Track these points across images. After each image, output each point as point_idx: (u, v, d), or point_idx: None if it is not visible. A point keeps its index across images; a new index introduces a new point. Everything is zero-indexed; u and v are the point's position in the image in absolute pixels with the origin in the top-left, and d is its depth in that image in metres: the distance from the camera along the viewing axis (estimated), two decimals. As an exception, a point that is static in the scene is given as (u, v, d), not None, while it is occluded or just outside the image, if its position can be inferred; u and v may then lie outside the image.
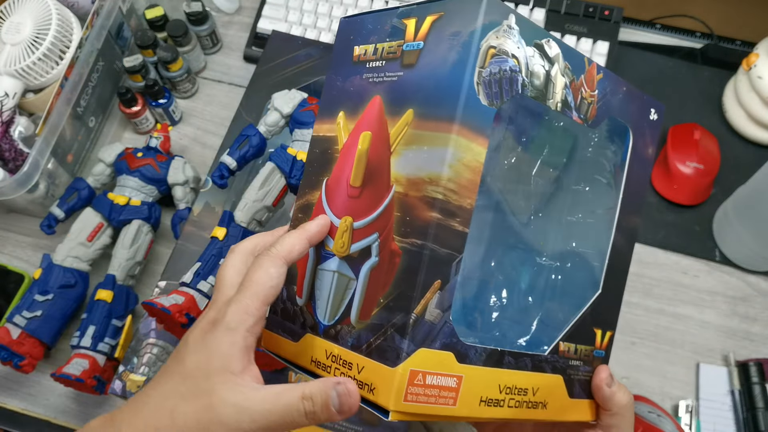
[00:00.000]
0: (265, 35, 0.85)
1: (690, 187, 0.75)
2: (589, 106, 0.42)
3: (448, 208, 0.35)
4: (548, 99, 0.39)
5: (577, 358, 0.43)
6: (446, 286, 0.36)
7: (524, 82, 0.38)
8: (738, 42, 0.87)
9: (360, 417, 0.60)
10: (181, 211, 0.71)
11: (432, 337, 0.36)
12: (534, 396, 0.41)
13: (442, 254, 0.35)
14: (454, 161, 0.35)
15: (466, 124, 0.35)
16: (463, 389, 0.37)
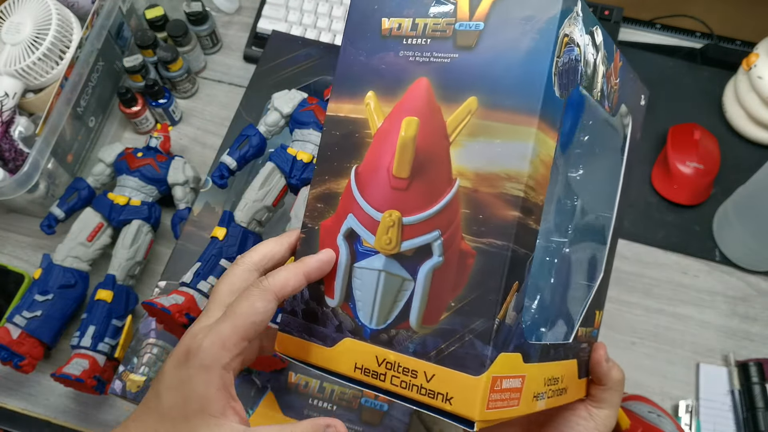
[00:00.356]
0: (265, 35, 0.85)
1: (690, 187, 0.75)
2: (613, 95, 0.41)
3: (527, 206, 0.33)
4: (594, 89, 0.38)
5: (585, 340, 0.45)
6: (522, 286, 0.34)
7: (582, 71, 0.36)
8: (738, 42, 0.87)
9: (360, 417, 0.60)
10: (181, 211, 0.71)
11: (509, 341, 0.34)
12: (561, 383, 0.41)
13: (521, 254, 0.34)
14: (534, 157, 0.33)
15: (545, 118, 0.33)
16: (525, 388, 0.36)
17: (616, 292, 0.73)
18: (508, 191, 0.33)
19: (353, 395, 0.60)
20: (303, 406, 0.60)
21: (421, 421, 0.66)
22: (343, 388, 0.60)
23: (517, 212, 0.33)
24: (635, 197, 0.77)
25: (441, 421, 0.66)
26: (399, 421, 0.60)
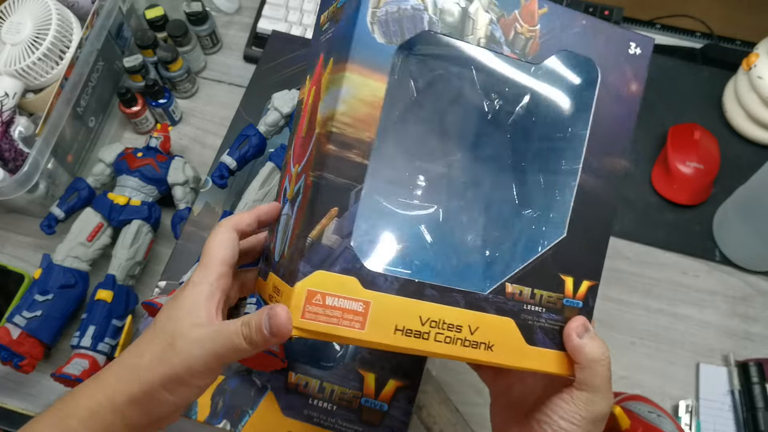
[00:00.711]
0: (265, 35, 0.85)
1: (690, 187, 0.75)
2: (528, 41, 0.42)
3: (343, 141, 0.38)
4: (467, 35, 0.41)
5: (535, 303, 0.43)
6: (345, 213, 0.39)
7: (432, 19, 0.40)
8: (738, 42, 0.87)
9: (360, 417, 0.60)
10: (181, 211, 0.71)
11: (331, 261, 0.39)
12: (472, 335, 0.41)
13: (338, 183, 0.39)
14: (348, 97, 0.39)
15: (360, 62, 0.38)
16: (371, 315, 0.39)
17: (616, 292, 0.73)
18: (329, 129, 0.39)
19: (353, 395, 0.60)
20: (303, 406, 0.60)
21: (421, 421, 0.66)
22: (344, 388, 0.61)
23: (332, 146, 0.38)
24: (635, 197, 0.77)
25: (441, 421, 0.66)
26: (399, 421, 0.60)
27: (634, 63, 0.44)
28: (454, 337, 0.41)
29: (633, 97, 0.45)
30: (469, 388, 0.68)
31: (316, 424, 0.60)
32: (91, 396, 0.39)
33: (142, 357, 0.39)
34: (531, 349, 0.42)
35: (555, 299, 0.43)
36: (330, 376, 0.61)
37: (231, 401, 0.60)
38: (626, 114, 0.45)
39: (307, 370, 0.61)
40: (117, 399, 0.39)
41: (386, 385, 0.61)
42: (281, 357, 0.59)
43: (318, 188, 0.39)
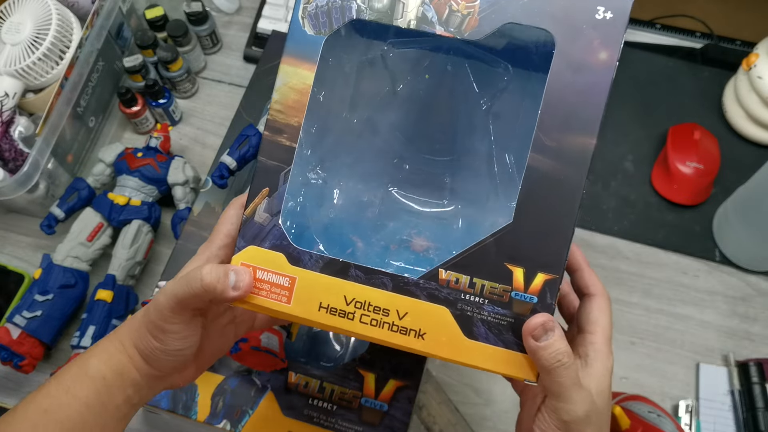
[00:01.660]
0: (265, 35, 0.85)
1: (690, 187, 0.75)
2: (464, 17, 0.41)
3: (275, 126, 0.42)
4: (396, 18, 0.42)
5: (475, 293, 0.40)
6: (274, 193, 0.42)
7: (360, 8, 0.42)
8: (738, 42, 0.87)
9: (360, 417, 0.60)
10: (181, 211, 0.71)
11: (261, 237, 0.42)
12: (401, 320, 0.41)
13: (270, 165, 0.42)
14: (280, 85, 0.42)
15: (291, 54, 0.42)
16: (297, 290, 0.41)
17: (616, 292, 0.73)
18: (267, 115, 0.43)
19: (353, 395, 0.60)
20: (303, 406, 0.60)
21: (421, 421, 0.66)
22: (344, 388, 0.61)
23: (267, 132, 0.42)
24: (635, 197, 0.77)
25: (441, 421, 0.66)
26: (399, 421, 0.60)
27: (602, 29, 0.39)
28: (381, 320, 0.41)
29: (603, 67, 0.40)
30: (469, 388, 0.68)
31: (316, 424, 0.60)
32: (108, 340, 0.43)
33: (144, 308, 0.43)
34: (471, 343, 0.40)
35: (500, 291, 0.40)
36: (330, 376, 0.61)
37: (231, 401, 0.60)
38: (594, 86, 0.40)
39: (307, 370, 0.61)
40: (125, 343, 0.42)
41: (386, 385, 0.61)
42: (281, 357, 0.59)
43: (255, 170, 0.42)
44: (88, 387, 0.41)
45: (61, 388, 0.42)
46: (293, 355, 0.62)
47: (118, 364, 0.42)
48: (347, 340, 0.63)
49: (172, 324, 0.41)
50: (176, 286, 0.40)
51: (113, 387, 0.42)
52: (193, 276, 0.40)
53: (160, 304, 0.41)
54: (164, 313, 0.41)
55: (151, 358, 0.42)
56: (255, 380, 0.61)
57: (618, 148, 0.80)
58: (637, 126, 0.81)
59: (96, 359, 0.42)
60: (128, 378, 0.42)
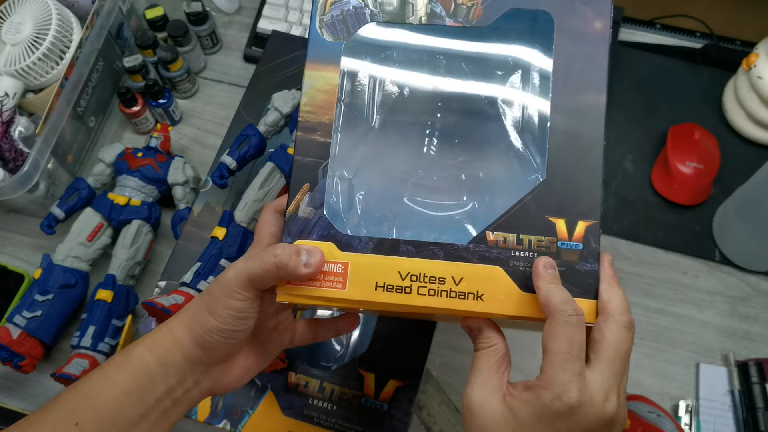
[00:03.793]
0: (265, 35, 0.85)
1: (690, 187, 0.75)
2: (469, 9, 0.46)
3: (307, 126, 0.45)
4: (408, 17, 0.46)
5: (524, 249, 0.43)
6: (315, 187, 0.44)
7: (373, 12, 0.46)
8: (738, 42, 0.87)
9: (360, 417, 0.60)
10: (181, 211, 0.71)
11: (308, 231, 0.44)
12: (457, 286, 0.42)
13: (306, 162, 0.44)
14: (308, 89, 0.46)
15: (314, 60, 0.46)
16: (351, 274, 0.43)
17: (616, 292, 0.73)
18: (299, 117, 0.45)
19: (353, 395, 0.60)
20: (303, 406, 0.60)
21: (421, 421, 0.66)
22: (344, 388, 0.61)
23: (300, 132, 0.45)
24: (635, 197, 0.77)
25: (441, 421, 0.66)
26: (399, 421, 0.60)
27: (593, 2, 0.45)
28: (438, 288, 0.42)
29: (600, 34, 0.45)
30: (469, 388, 0.68)
31: (316, 424, 0.60)
32: (156, 329, 0.44)
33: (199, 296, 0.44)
34: (528, 296, 0.42)
35: (547, 243, 0.43)
36: (330, 376, 0.61)
37: (231, 401, 0.60)
38: (595, 51, 0.45)
39: (307, 370, 0.61)
40: (175, 329, 0.43)
41: (386, 385, 0.61)
42: (281, 357, 0.59)
43: (291, 170, 0.45)
44: (129, 373, 0.41)
45: (102, 375, 0.42)
46: (293, 355, 0.62)
47: (162, 351, 0.42)
48: (347, 340, 0.63)
49: (237, 300, 0.41)
50: (247, 264, 0.41)
51: (155, 375, 0.42)
52: (266, 254, 0.41)
53: (228, 279, 0.41)
54: (231, 287, 0.41)
55: (205, 339, 0.42)
56: (255, 380, 0.61)
57: (618, 148, 0.80)
58: (637, 126, 0.81)
59: (140, 347, 0.42)
60: (172, 366, 0.42)
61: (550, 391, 0.37)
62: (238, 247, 0.61)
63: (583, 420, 0.37)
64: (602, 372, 0.38)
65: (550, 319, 0.39)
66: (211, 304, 0.42)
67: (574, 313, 0.38)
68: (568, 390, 0.37)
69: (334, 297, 0.42)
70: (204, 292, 0.44)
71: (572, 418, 0.37)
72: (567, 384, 0.37)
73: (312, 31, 0.46)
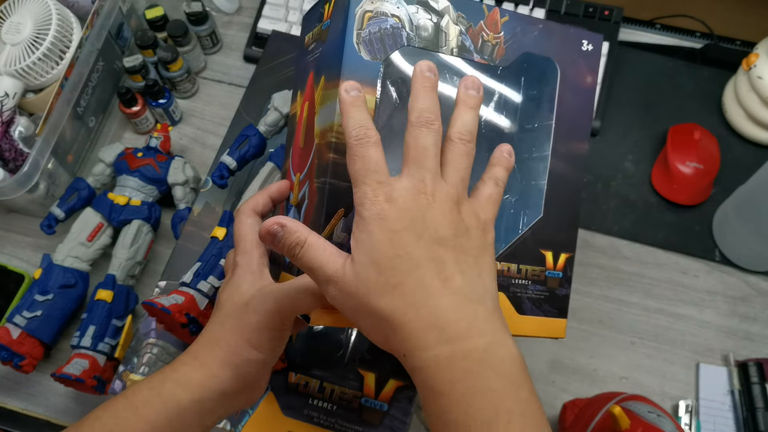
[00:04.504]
0: (265, 35, 0.85)
1: (690, 187, 0.75)
2: (494, 47, 0.47)
3: (342, 149, 0.42)
4: (441, 46, 0.46)
5: (522, 277, 0.48)
6: (350, 212, 0.43)
7: (409, 35, 0.45)
8: (738, 42, 0.87)
9: (360, 417, 0.60)
10: (181, 211, 0.71)
11: None
12: None
13: (342, 187, 0.43)
14: None
15: (351, 78, 0.42)
16: None
17: (616, 292, 0.73)
18: (328, 139, 0.43)
19: (353, 395, 0.60)
20: (303, 406, 0.60)
21: (422, 421, 0.66)
22: (344, 388, 0.61)
23: (332, 154, 0.42)
24: (635, 197, 0.77)
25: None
26: (399, 421, 0.60)
27: (587, 58, 0.49)
28: None
29: (589, 88, 0.50)
30: (469, 388, 0.67)
31: (316, 424, 0.60)
32: (184, 363, 0.43)
33: (223, 326, 0.43)
34: (522, 318, 0.47)
35: (538, 272, 0.48)
36: (330, 376, 0.61)
37: (231, 401, 0.60)
38: (585, 103, 0.50)
39: (307, 370, 0.61)
40: (211, 364, 0.42)
41: (386, 385, 0.61)
42: (281, 357, 0.59)
43: (323, 193, 0.42)
44: (159, 410, 0.41)
45: (131, 409, 0.41)
46: (293, 355, 0.62)
47: (197, 388, 0.42)
48: (347, 340, 0.63)
49: (280, 331, 0.42)
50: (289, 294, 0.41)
51: (187, 411, 0.41)
52: (307, 283, 0.40)
53: (271, 312, 0.42)
54: (275, 320, 0.42)
55: (246, 372, 0.42)
56: (255, 380, 0.61)
57: (618, 148, 0.80)
58: (637, 126, 0.81)
59: (171, 382, 0.42)
60: (207, 401, 0.42)
61: (363, 207, 0.37)
62: (238, 247, 0.61)
63: (406, 218, 0.37)
64: (407, 173, 0.38)
65: (347, 146, 0.39)
66: (254, 338, 0.42)
67: (364, 136, 0.38)
68: (377, 196, 0.37)
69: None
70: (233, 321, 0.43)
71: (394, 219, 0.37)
72: (373, 192, 0.37)
73: (348, 45, 0.43)
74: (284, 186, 0.50)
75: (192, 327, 0.57)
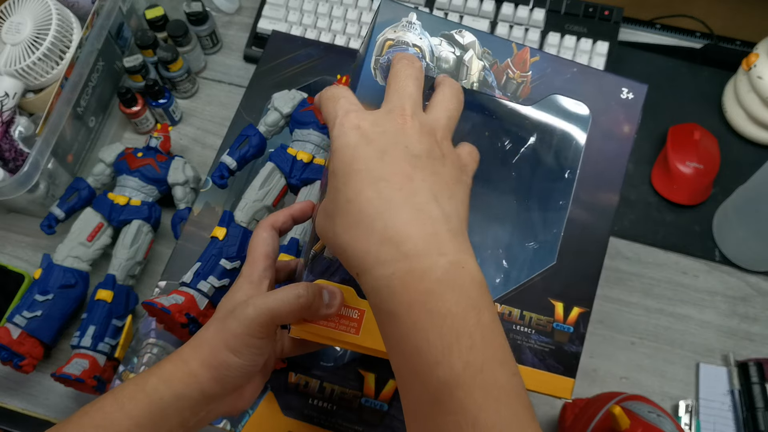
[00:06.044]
0: (265, 35, 0.85)
1: (690, 187, 0.75)
2: (519, 85, 0.46)
3: None
4: (461, 79, 0.46)
5: (525, 324, 0.46)
6: None
7: (429, 66, 0.45)
8: (738, 42, 0.87)
9: (360, 417, 0.60)
10: (181, 211, 0.71)
11: (331, 272, 0.44)
12: None
13: None
14: None
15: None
16: (365, 322, 0.43)
17: (616, 292, 0.73)
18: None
19: (353, 395, 0.60)
20: (303, 406, 0.60)
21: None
22: (344, 388, 0.61)
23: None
24: (635, 197, 0.77)
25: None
26: (399, 421, 0.60)
27: (626, 106, 0.47)
28: None
29: (626, 138, 0.48)
30: (469, 388, 0.67)
31: (316, 424, 0.60)
32: (169, 360, 0.43)
33: (208, 329, 0.44)
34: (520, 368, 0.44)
35: (545, 322, 0.46)
36: (330, 376, 0.61)
37: (231, 401, 0.60)
38: (619, 153, 0.48)
39: (307, 370, 0.61)
40: (191, 363, 0.42)
41: (386, 385, 0.61)
42: (281, 357, 0.59)
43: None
44: (143, 405, 0.41)
45: (116, 405, 0.41)
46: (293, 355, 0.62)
47: (178, 385, 0.42)
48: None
49: (258, 338, 0.42)
50: (268, 302, 0.41)
51: (169, 408, 0.42)
52: (289, 293, 0.41)
53: (249, 317, 0.41)
54: (253, 327, 0.41)
55: (224, 375, 0.42)
56: (255, 380, 0.61)
57: (618, 148, 0.80)
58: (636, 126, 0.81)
59: (155, 378, 0.42)
60: (188, 399, 0.42)
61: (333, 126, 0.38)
62: (238, 247, 0.61)
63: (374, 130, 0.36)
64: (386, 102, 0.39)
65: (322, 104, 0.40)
66: (231, 342, 0.42)
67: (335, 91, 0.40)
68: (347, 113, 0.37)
69: (346, 341, 0.44)
70: (218, 325, 0.43)
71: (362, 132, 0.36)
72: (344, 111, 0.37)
73: (365, 70, 0.44)
74: (307, 206, 0.50)
75: (192, 327, 0.57)
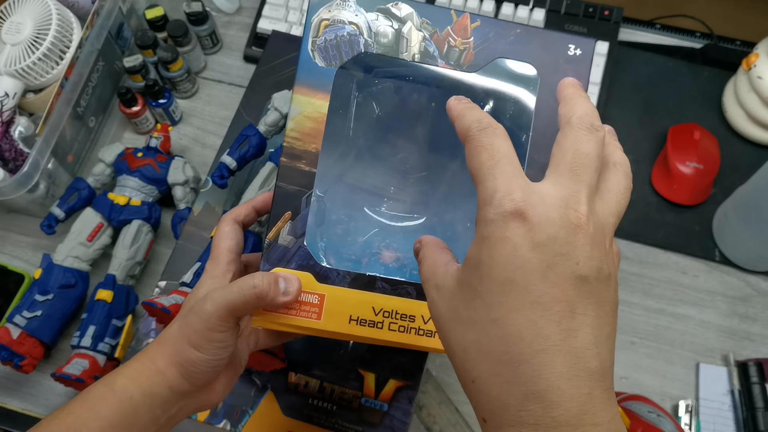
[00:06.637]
0: (265, 35, 0.85)
1: (690, 187, 0.75)
2: (462, 52, 0.46)
3: (293, 153, 0.44)
4: (402, 52, 0.46)
5: None
6: (297, 216, 0.44)
7: (367, 42, 0.45)
8: (738, 42, 0.87)
9: (360, 417, 0.60)
10: (181, 211, 0.71)
11: (287, 259, 0.44)
12: (425, 324, 0.45)
13: (290, 190, 0.44)
14: (295, 114, 0.45)
15: (304, 84, 0.44)
16: (326, 306, 0.44)
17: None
18: (283, 143, 0.45)
19: (353, 395, 0.60)
20: (303, 406, 0.60)
21: (421, 421, 0.66)
22: (344, 388, 0.61)
23: (284, 158, 0.45)
24: (635, 197, 0.77)
25: (441, 421, 0.66)
26: (399, 421, 0.60)
27: (575, 63, 0.46)
28: (408, 326, 0.44)
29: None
30: (469, 388, 0.68)
31: (316, 424, 0.60)
32: (136, 359, 0.43)
33: (171, 326, 0.44)
34: None
35: None
36: (330, 376, 0.61)
37: (231, 401, 0.60)
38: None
39: (307, 370, 0.61)
40: (158, 361, 0.43)
41: (386, 385, 0.61)
42: (281, 357, 0.59)
43: (274, 196, 0.44)
44: (113, 406, 0.41)
45: (86, 406, 0.41)
46: (293, 355, 0.62)
47: (147, 383, 0.42)
48: (347, 340, 0.63)
49: (218, 332, 0.42)
50: (224, 295, 0.41)
51: (140, 407, 0.42)
52: (245, 284, 0.41)
53: (208, 312, 0.41)
54: (212, 321, 0.41)
55: (190, 371, 0.42)
56: (255, 380, 0.61)
57: (618, 148, 0.80)
58: (637, 126, 0.81)
59: (123, 377, 0.42)
60: (157, 397, 0.42)
61: (489, 205, 0.29)
62: (238, 247, 0.61)
63: (543, 231, 0.28)
64: (556, 180, 0.30)
65: (467, 141, 0.31)
66: (193, 337, 0.42)
67: (488, 125, 0.31)
68: (510, 192, 0.28)
69: (309, 326, 0.44)
70: (180, 321, 0.43)
71: (527, 228, 0.28)
72: (505, 186, 0.29)
73: (303, 52, 0.45)
74: (269, 197, 0.50)
75: (192, 327, 0.57)
